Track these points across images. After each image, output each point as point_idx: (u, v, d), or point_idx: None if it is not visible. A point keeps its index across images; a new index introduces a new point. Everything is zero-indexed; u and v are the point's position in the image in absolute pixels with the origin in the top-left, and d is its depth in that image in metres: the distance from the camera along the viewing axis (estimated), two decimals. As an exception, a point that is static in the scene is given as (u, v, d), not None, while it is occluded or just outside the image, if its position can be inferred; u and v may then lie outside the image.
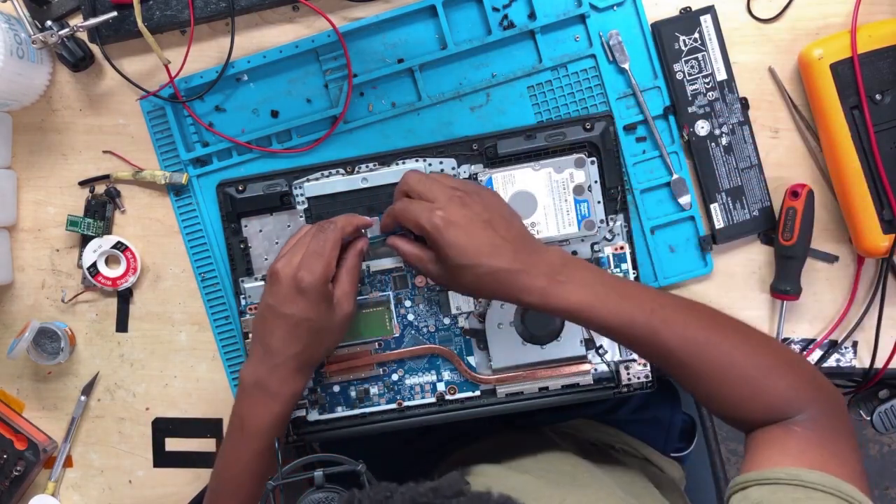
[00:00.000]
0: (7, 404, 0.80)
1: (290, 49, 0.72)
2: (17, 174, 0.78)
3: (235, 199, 0.73)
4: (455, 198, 0.61)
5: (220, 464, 0.68)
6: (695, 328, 0.60)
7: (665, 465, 0.88)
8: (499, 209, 0.63)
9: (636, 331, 0.60)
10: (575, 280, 0.60)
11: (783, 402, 0.59)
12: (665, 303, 0.61)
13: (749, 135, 0.72)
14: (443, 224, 0.60)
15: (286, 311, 0.63)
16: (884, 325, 0.73)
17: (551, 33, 0.72)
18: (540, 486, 0.69)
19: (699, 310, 0.63)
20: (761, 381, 0.59)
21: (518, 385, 0.73)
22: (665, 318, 0.60)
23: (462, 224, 0.60)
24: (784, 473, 0.55)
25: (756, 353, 0.60)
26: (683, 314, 0.61)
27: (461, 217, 0.60)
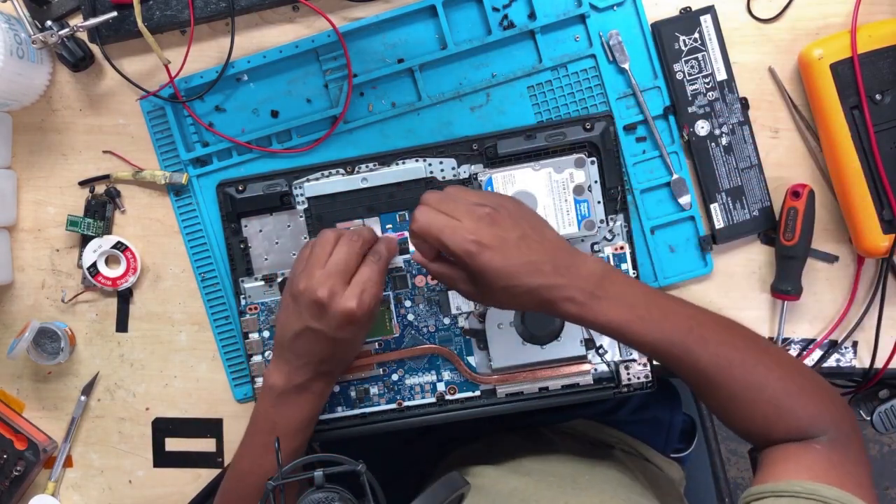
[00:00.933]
0: (7, 404, 0.80)
1: (290, 49, 0.72)
2: (17, 174, 0.78)
3: (235, 199, 0.73)
4: (483, 217, 0.58)
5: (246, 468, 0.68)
6: (730, 348, 0.60)
7: (665, 466, 0.88)
8: (529, 221, 0.60)
9: (673, 349, 0.59)
10: (615, 295, 0.59)
11: (807, 423, 0.60)
12: (702, 320, 0.61)
13: (749, 135, 0.72)
14: (476, 249, 0.57)
15: (333, 336, 0.63)
16: (884, 325, 0.73)
17: (551, 33, 0.72)
18: (540, 489, 0.69)
19: (733, 328, 0.62)
20: (789, 402, 0.60)
21: (518, 385, 0.73)
22: (702, 336, 0.59)
23: (495, 245, 0.57)
24: (801, 487, 0.55)
25: (787, 376, 0.60)
26: (719, 333, 0.60)
27: (493, 238, 0.57)
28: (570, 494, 0.68)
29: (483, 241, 0.57)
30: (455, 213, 0.58)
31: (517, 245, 0.58)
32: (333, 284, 0.62)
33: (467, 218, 0.58)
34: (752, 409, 0.60)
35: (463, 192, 0.61)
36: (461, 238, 0.57)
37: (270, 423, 0.66)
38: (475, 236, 0.57)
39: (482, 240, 0.57)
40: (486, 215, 0.58)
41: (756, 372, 0.59)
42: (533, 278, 0.57)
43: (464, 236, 0.57)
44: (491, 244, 0.57)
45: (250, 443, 0.68)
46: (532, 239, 0.59)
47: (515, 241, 0.58)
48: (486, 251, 0.57)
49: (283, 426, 0.66)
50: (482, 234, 0.57)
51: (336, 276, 0.63)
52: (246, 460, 0.68)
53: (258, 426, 0.68)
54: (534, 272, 0.57)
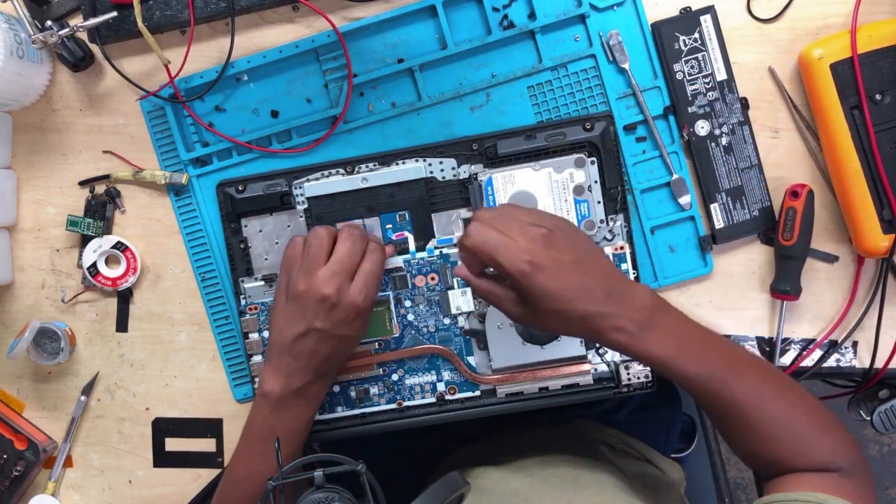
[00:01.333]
0: (7, 404, 0.80)
1: (290, 49, 0.72)
2: (17, 174, 0.78)
3: (235, 199, 0.73)
4: (538, 237, 0.56)
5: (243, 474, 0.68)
6: (763, 383, 0.61)
7: (665, 467, 0.88)
8: (583, 245, 0.59)
9: (712, 383, 0.59)
10: (663, 328, 0.58)
11: (829, 458, 0.61)
12: (739, 356, 0.62)
13: (749, 135, 0.72)
14: (530, 270, 0.55)
15: (340, 333, 0.63)
16: (884, 325, 0.73)
17: (551, 33, 0.72)
18: (544, 489, 0.69)
19: (762, 364, 0.64)
20: (814, 436, 0.61)
21: (518, 385, 0.73)
22: (739, 373, 0.60)
23: (549, 267, 0.56)
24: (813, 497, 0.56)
25: (811, 411, 0.62)
26: (753, 369, 0.62)
27: (547, 259, 0.56)
28: (572, 494, 0.68)
29: (538, 261, 0.56)
30: (510, 231, 0.57)
31: (572, 269, 0.57)
32: (341, 281, 0.62)
33: (522, 237, 0.57)
34: (778, 442, 0.61)
35: (518, 211, 0.60)
36: (516, 257, 0.56)
37: (268, 430, 0.66)
38: (530, 256, 0.56)
39: (537, 260, 0.56)
40: (541, 236, 0.57)
41: (783, 407, 0.61)
42: (586, 304, 0.57)
43: (519, 256, 0.56)
44: (545, 266, 0.56)
45: (247, 449, 0.68)
46: (586, 264, 0.58)
47: (570, 264, 0.57)
48: (540, 273, 0.56)
49: (283, 431, 0.66)
50: (537, 255, 0.56)
51: (343, 274, 0.63)
52: (243, 466, 0.68)
53: (255, 433, 0.67)
54: (587, 298, 0.57)
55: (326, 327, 0.63)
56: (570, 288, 0.56)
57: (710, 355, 0.60)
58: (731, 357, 0.61)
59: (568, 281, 0.56)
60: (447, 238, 0.72)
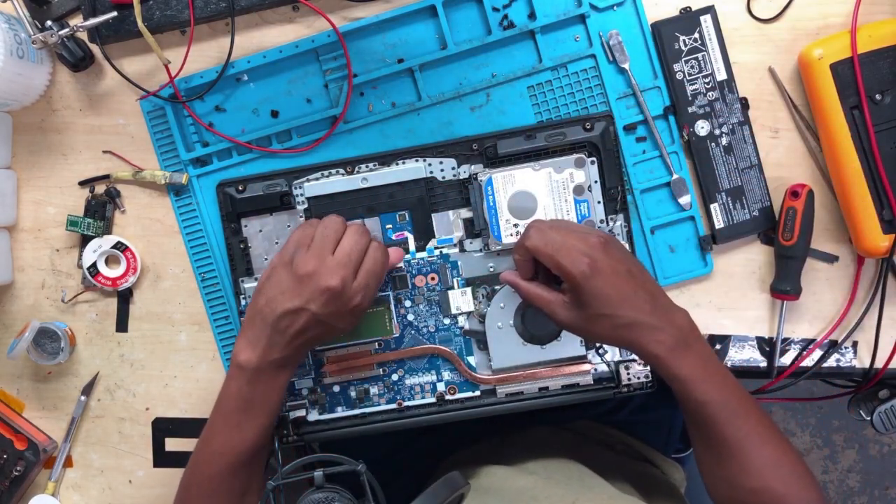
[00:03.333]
0: (7, 404, 0.80)
1: (290, 49, 0.72)
2: (17, 174, 0.78)
3: (235, 199, 0.73)
4: (596, 244, 0.60)
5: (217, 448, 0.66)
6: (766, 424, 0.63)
7: (667, 467, 0.88)
8: (633, 260, 0.63)
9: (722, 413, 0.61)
10: (696, 350, 0.61)
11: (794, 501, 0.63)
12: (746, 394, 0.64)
13: (749, 135, 0.72)
14: (590, 271, 0.59)
15: (331, 323, 0.63)
16: (884, 325, 0.73)
17: (551, 33, 0.72)
18: (549, 486, 0.69)
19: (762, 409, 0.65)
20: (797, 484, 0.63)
21: (518, 385, 0.73)
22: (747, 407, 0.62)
23: (608, 273, 0.59)
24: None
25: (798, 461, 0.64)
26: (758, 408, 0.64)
27: (607, 265, 0.59)
28: (577, 492, 0.68)
29: (597, 265, 0.59)
30: (568, 236, 0.61)
31: (626, 277, 0.60)
32: (346, 275, 0.62)
33: (581, 242, 0.60)
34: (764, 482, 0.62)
35: (572, 223, 0.66)
36: (577, 259, 0.59)
37: (244, 401, 0.65)
38: (590, 259, 0.59)
39: (596, 264, 0.59)
40: (598, 243, 0.60)
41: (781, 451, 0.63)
42: (636, 313, 0.60)
43: (580, 258, 0.59)
44: (604, 269, 0.59)
45: (222, 422, 0.66)
46: (637, 276, 0.61)
47: (624, 273, 0.60)
48: (599, 275, 0.59)
49: (259, 403, 0.65)
50: (597, 259, 0.59)
51: (349, 267, 0.63)
52: (219, 440, 0.66)
53: (231, 405, 0.65)
54: (637, 307, 0.60)
55: (320, 313, 0.62)
56: (624, 294, 0.60)
57: (727, 385, 0.62)
58: (741, 392, 0.63)
59: (622, 287, 0.60)
60: (447, 238, 0.72)
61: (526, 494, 0.68)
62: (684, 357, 0.60)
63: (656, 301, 0.61)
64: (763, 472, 0.62)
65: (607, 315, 0.60)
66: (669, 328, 0.60)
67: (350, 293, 0.63)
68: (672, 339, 0.60)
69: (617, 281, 0.60)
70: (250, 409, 0.65)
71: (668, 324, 0.60)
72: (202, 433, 0.68)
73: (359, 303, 0.63)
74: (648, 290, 0.61)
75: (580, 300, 0.60)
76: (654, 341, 0.60)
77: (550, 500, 0.67)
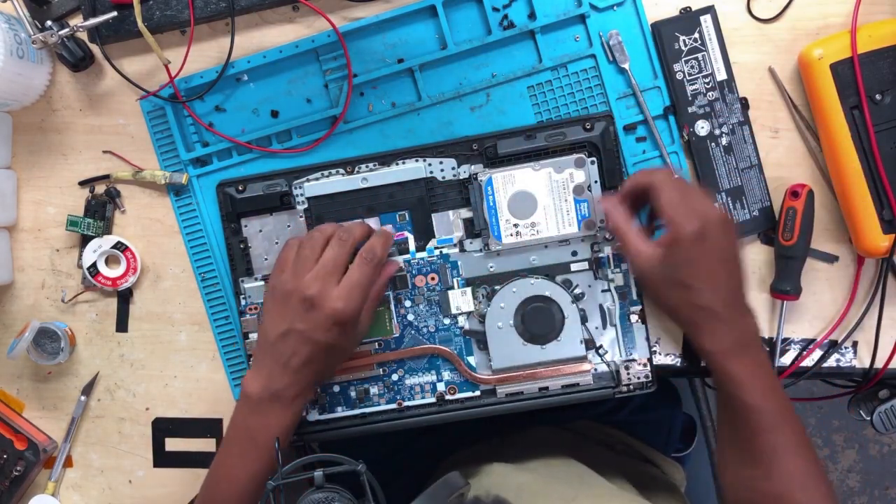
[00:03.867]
0: (7, 404, 0.80)
1: (290, 49, 0.72)
2: (17, 174, 0.78)
3: (235, 199, 0.73)
4: (718, 217, 0.59)
5: (222, 475, 0.67)
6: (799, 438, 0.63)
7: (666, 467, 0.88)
8: (738, 250, 0.62)
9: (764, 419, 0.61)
10: (753, 355, 0.62)
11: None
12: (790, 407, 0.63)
13: (749, 135, 0.72)
14: (697, 236, 0.58)
15: (318, 338, 0.63)
16: (884, 325, 0.73)
17: (551, 33, 0.72)
18: (549, 484, 0.69)
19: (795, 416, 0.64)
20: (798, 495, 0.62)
21: (518, 385, 0.73)
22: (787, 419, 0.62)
23: (712, 247, 0.58)
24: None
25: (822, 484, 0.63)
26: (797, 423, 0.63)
27: (715, 239, 0.59)
28: (577, 489, 0.68)
29: (708, 232, 0.58)
30: (696, 194, 0.60)
31: (724, 261, 0.60)
32: (324, 284, 0.62)
33: (704, 206, 0.60)
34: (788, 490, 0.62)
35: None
36: (694, 217, 0.58)
37: (245, 431, 0.65)
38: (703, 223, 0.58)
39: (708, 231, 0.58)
40: (718, 216, 0.60)
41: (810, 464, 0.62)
42: (714, 298, 0.60)
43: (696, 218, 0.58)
44: (710, 241, 0.58)
45: (226, 451, 0.67)
46: (733, 266, 0.61)
47: (726, 256, 0.60)
48: (703, 243, 0.58)
49: (260, 436, 0.65)
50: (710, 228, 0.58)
51: (326, 277, 0.63)
52: (222, 468, 0.67)
53: (233, 433, 0.66)
54: (718, 293, 0.60)
55: (305, 329, 0.62)
56: (714, 275, 0.59)
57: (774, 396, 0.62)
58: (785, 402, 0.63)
59: (716, 268, 0.59)
60: (447, 238, 0.72)
61: (526, 491, 0.69)
62: (739, 359, 0.60)
63: (736, 297, 0.61)
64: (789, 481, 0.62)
65: (688, 286, 0.59)
66: (735, 327, 0.60)
67: (328, 301, 0.62)
68: (732, 339, 0.60)
69: (715, 259, 0.59)
70: (252, 440, 0.65)
71: (736, 323, 0.60)
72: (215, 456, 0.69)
73: (340, 310, 0.62)
74: (736, 284, 0.61)
75: (672, 260, 0.59)
76: (717, 335, 0.60)
77: (550, 498, 0.67)
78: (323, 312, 0.62)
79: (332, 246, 0.65)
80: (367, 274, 0.64)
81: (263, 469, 0.65)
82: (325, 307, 0.62)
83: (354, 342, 0.69)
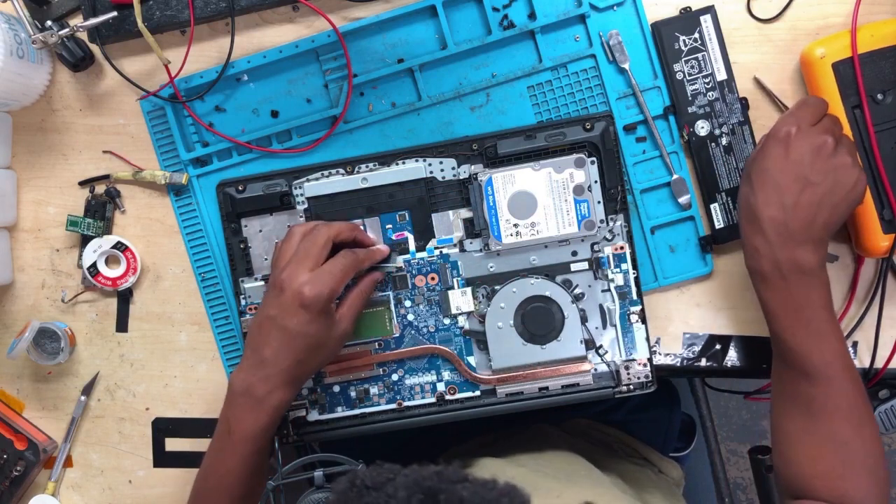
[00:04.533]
0: (7, 404, 0.80)
1: (290, 49, 0.72)
2: (17, 174, 0.78)
3: (235, 199, 0.73)
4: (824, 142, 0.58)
5: (207, 466, 0.67)
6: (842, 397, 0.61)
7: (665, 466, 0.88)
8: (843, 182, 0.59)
9: (802, 364, 0.60)
10: (792, 291, 0.60)
11: (852, 497, 0.61)
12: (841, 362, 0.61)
13: (749, 135, 0.72)
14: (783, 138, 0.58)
15: (285, 324, 0.62)
16: (884, 325, 0.73)
17: (551, 33, 0.72)
18: (537, 479, 0.69)
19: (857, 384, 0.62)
20: (855, 472, 0.61)
21: (518, 385, 0.73)
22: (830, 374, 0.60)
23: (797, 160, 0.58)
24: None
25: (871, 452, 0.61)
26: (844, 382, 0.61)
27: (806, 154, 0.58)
28: (563, 485, 0.68)
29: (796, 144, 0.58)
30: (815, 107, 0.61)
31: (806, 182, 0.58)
32: (294, 269, 0.63)
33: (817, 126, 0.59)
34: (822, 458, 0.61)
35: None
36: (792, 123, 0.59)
37: (224, 425, 0.65)
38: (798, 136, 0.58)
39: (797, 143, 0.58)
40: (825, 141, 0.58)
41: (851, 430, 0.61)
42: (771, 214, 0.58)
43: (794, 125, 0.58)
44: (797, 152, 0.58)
45: (212, 444, 0.67)
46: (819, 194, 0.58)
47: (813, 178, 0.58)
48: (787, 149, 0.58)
49: (236, 430, 0.64)
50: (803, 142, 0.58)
51: (297, 262, 0.63)
52: (206, 460, 0.67)
53: (219, 427, 0.66)
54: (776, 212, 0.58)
55: (276, 315, 0.62)
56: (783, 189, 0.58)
57: (818, 342, 0.60)
58: (833, 355, 0.61)
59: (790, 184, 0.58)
60: (447, 238, 0.72)
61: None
62: (773, 287, 0.60)
63: (794, 227, 0.58)
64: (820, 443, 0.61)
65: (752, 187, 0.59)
66: (777, 253, 0.59)
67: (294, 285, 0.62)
68: (770, 264, 0.59)
69: (793, 171, 0.58)
70: (228, 434, 0.64)
71: (781, 249, 0.59)
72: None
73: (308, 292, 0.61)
74: (806, 213, 0.58)
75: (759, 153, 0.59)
76: (757, 253, 0.59)
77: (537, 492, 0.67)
78: (288, 295, 0.62)
79: (307, 237, 0.65)
80: (340, 264, 0.64)
81: (240, 463, 0.64)
82: (291, 289, 0.62)
83: (333, 339, 0.66)
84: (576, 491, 0.67)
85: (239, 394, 0.64)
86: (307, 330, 0.63)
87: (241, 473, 0.65)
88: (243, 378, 0.64)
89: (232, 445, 0.64)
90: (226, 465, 0.65)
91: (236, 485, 0.65)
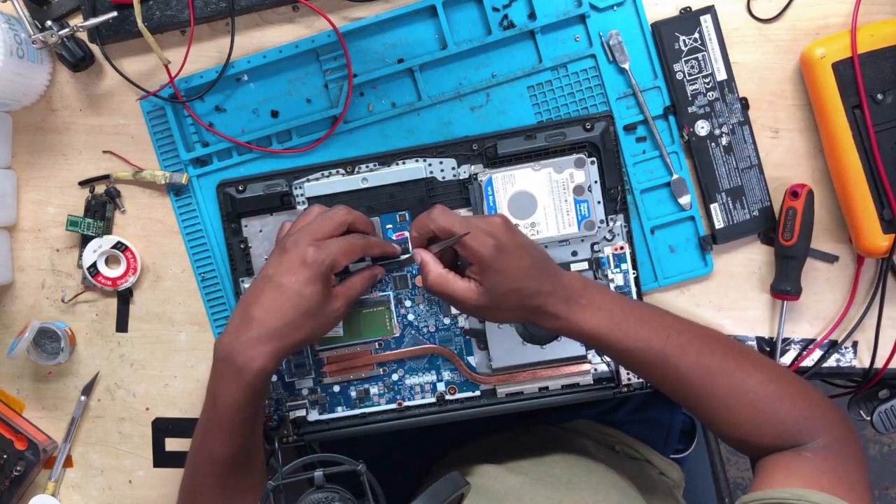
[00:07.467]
0: (7, 404, 0.80)
1: (290, 49, 0.72)
2: (17, 174, 0.78)
3: (235, 199, 0.73)
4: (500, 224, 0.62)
5: (197, 439, 0.66)
6: (709, 355, 0.62)
7: (665, 467, 0.88)
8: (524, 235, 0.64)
9: (650, 355, 0.62)
10: (594, 304, 0.62)
11: (794, 428, 0.61)
12: (681, 329, 0.63)
13: (749, 135, 0.72)
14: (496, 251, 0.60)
15: (281, 280, 0.61)
16: (884, 325, 0.73)
17: (551, 33, 0.72)
18: (537, 488, 0.69)
19: (713, 336, 0.64)
20: (772, 406, 0.61)
21: (518, 385, 0.73)
22: (680, 343, 0.62)
23: (511, 249, 0.61)
24: (789, 493, 0.56)
25: (768, 380, 0.62)
26: (698, 341, 0.63)
27: (510, 242, 0.61)
28: (564, 494, 0.68)
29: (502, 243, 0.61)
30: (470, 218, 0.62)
31: (523, 251, 0.62)
32: (300, 236, 0.63)
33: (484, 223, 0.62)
34: (735, 415, 0.62)
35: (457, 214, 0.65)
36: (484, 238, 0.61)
37: (211, 395, 0.63)
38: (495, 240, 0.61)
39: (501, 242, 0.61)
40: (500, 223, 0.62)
41: (736, 377, 0.62)
42: (536, 282, 0.61)
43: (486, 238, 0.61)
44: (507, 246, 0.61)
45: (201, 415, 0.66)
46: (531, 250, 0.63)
47: (522, 247, 0.62)
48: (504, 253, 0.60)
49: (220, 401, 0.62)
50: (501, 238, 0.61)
51: (304, 232, 0.64)
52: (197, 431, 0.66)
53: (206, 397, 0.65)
54: (535, 276, 0.61)
55: (273, 274, 0.62)
56: (524, 267, 0.61)
57: (646, 327, 0.62)
58: (670, 329, 0.63)
59: (523, 261, 0.61)
60: (447, 238, 0.72)
61: (511, 495, 0.69)
62: (582, 314, 0.61)
63: (546, 268, 0.62)
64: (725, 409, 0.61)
65: (514, 289, 0.61)
66: (559, 290, 0.61)
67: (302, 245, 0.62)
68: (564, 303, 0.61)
69: (519, 255, 0.61)
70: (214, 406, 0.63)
71: (557, 287, 0.62)
72: None
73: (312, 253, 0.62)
74: (541, 261, 0.62)
75: (489, 281, 0.61)
76: (548, 305, 0.61)
77: (535, 502, 0.67)
78: (291, 254, 0.62)
79: (324, 214, 0.66)
80: (348, 240, 0.65)
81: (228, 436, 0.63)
82: (295, 250, 0.62)
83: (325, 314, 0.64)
84: (576, 498, 0.67)
85: (220, 360, 0.62)
86: (303, 290, 0.62)
87: (230, 444, 0.63)
88: (227, 342, 0.62)
89: (217, 416, 0.63)
90: (214, 436, 0.64)
91: (227, 455, 0.64)
